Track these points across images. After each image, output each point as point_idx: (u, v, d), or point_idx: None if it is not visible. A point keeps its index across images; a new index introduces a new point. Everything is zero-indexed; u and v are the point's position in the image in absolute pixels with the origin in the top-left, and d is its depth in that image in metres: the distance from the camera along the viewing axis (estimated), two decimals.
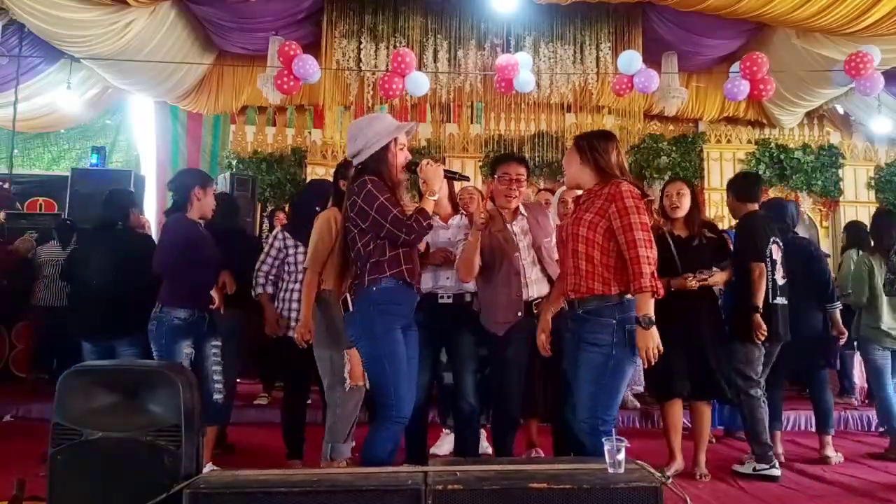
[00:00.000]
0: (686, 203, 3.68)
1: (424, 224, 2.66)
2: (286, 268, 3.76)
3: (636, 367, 3.36)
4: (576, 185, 2.82)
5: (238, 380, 6.59)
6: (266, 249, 3.84)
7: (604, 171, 2.66)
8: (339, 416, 3.10)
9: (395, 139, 2.71)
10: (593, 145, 2.69)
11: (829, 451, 4.16)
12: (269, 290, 3.82)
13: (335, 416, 3.10)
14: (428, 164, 2.78)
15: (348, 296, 2.72)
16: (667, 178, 8.80)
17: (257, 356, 5.58)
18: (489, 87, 8.06)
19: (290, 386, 3.94)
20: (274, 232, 3.89)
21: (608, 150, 2.68)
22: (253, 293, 3.82)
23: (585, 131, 2.95)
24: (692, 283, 3.55)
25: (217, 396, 3.46)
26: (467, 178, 3.31)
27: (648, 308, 2.46)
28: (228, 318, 3.74)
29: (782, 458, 4.08)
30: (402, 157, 2.76)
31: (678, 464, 3.72)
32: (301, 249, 3.66)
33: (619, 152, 2.71)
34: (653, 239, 2.51)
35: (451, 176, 3.03)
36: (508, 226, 3.28)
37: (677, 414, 3.74)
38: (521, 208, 3.35)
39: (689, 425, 3.90)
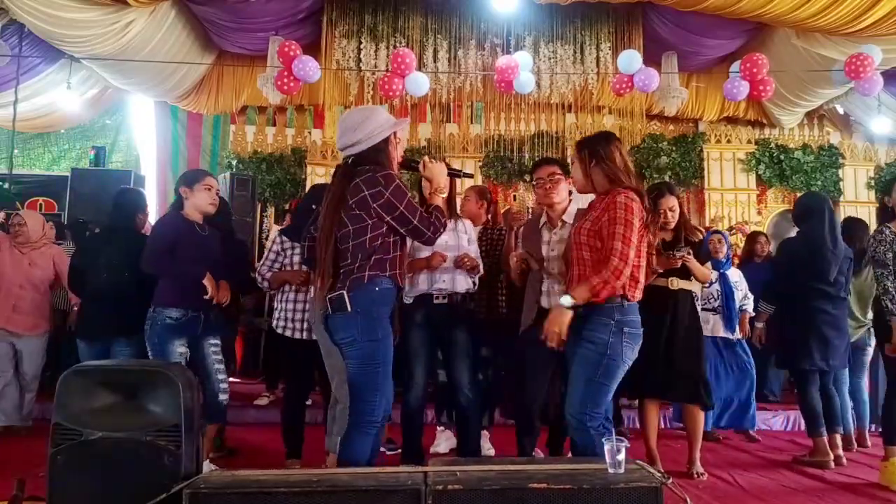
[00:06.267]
0: (676, 215, 3.72)
1: (443, 221, 2.64)
2: (285, 269, 3.77)
3: None
4: (586, 192, 2.78)
5: (238, 380, 6.67)
6: (266, 253, 3.88)
7: (610, 178, 2.62)
8: None
9: (395, 133, 2.68)
10: (597, 153, 2.64)
11: (840, 451, 4.17)
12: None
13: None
14: (431, 161, 2.75)
15: (345, 294, 2.49)
16: (667, 177, 8.81)
17: (266, 357, 5.55)
18: (489, 87, 8.05)
19: (290, 386, 3.95)
20: (272, 236, 3.92)
21: (612, 156, 2.63)
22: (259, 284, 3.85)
23: (586, 136, 2.85)
24: (675, 261, 3.53)
25: (223, 397, 3.48)
26: (470, 176, 3.28)
27: (579, 295, 2.50)
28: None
29: (839, 462, 4.04)
30: (398, 151, 2.73)
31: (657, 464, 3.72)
32: (298, 251, 3.67)
33: (622, 152, 2.66)
34: (629, 250, 2.49)
35: (454, 173, 2.98)
36: (547, 233, 3.12)
37: (650, 412, 3.73)
38: (569, 215, 3.09)
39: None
